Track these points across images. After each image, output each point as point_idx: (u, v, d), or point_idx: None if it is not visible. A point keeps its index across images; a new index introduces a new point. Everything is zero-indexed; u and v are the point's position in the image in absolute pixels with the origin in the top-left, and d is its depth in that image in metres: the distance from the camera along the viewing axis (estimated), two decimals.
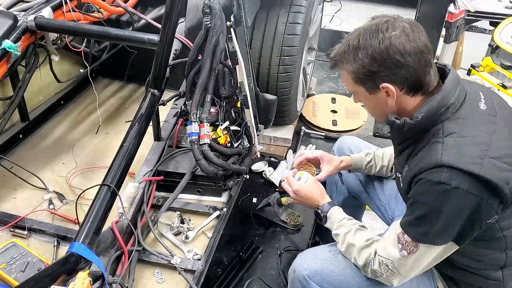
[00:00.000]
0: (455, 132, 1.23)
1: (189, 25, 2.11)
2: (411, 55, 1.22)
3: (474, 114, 1.27)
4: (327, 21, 4.60)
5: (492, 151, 1.20)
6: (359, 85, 1.32)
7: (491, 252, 1.35)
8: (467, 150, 1.20)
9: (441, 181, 1.18)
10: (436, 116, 1.25)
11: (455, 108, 1.26)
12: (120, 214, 1.69)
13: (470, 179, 1.17)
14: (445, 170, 1.18)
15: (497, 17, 2.67)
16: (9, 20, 1.94)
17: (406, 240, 1.30)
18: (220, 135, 1.89)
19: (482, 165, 1.17)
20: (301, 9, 2.38)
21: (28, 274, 1.56)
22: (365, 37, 1.25)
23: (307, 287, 1.50)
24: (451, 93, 1.26)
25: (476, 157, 1.18)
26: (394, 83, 1.26)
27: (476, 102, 1.30)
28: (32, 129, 2.41)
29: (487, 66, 2.44)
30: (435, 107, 1.25)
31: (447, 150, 1.20)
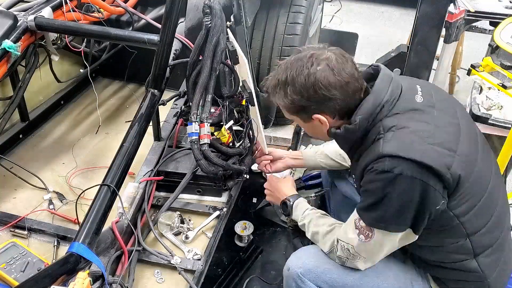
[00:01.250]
0: (394, 125, 1.30)
1: (189, 25, 2.11)
2: (337, 88, 1.29)
3: (411, 107, 1.34)
4: (327, 21, 4.60)
5: (432, 138, 1.26)
6: (294, 115, 1.42)
7: (455, 240, 1.38)
8: (406, 139, 1.26)
9: (385, 170, 1.25)
10: (374, 116, 1.32)
11: (391, 105, 1.32)
12: (120, 214, 1.69)
13: (412, 165, 1.23)
14: (387, 159, 1.25)
15: (497, 17, 2.66)
16: (9, 20, 1.94)
17: (362, 225, 1.37)
18: (224, 135, 1.89)
19: (423, 151, 1.23)
20: (301, 9, 2.38)
21: (28, 274, 1.56)
22: (292, 73, 1.32)
23: (301, 285, 1.51)
24: (383, 92, 1.32)
25: (415, 143, 1.25)
26: (324, 114, 1.35)
27: (413, 96, 1.36)
28: (32, 129, 2.41)
29: (487, 66, 2.44)
30: (370, 108, 1.31)
31: (387, 141, 1.27)
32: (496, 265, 1.44)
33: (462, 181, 1.28)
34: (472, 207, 1.34)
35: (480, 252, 1.40)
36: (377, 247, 1.38)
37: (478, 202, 1.35)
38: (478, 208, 1.35)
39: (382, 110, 1.32)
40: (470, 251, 1.39)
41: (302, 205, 1.64)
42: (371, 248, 1.38)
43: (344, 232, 1.43)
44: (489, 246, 1.41)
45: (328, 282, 1.48)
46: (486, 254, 1.40)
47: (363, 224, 1.37)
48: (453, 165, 1.25)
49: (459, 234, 1.36)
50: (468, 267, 1.41)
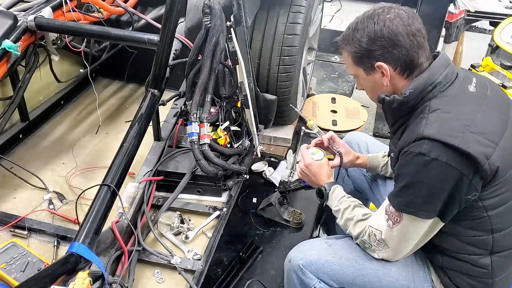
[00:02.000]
0: (440, 109, 1.30)
1: (189, 25, 2.11)
2: (403, 36, 1.31)
3: (462, 95, 1.34)
4: (327, 21, 4.60)
5: (475, 127, 1.25)
6: (358, 66, 1.41)
7: (478, 233, 1.37)
8: (448, 124, 1.26)
9: (421, 152, 1.25)
10: (424, 94, 1.33)
11: (443, 87, 1.33)
12: (120, 214, 1.69)
13: (450, 151, 1.22)
14: (426, 141, 1.24)
15: (497, 17, 2.67)
16: (9, 20, 1.94)
17: (391, 210, 1.37)
18: (220, 136, 1.89)
19: (463, 138, 1.22)
20: (301, 9, 2.38)
21: (28, 274, 1.56)
22: (363, 20, 1.36)
23: (302, 278, 1.51)
24: (439, 72, 1.33)
25: (457, 130, 1.24)
26: (388, 63, 1.34)
27: (466, 85, 1.37)
28: (32, 129, 2.41)
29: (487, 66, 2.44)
30: (422, 84, 1.32)
31: (429, 124, 1.27)
32: (506, 269, 1.43)
33: (499, 173, 1.26)
34: (503, 202, 1.33)
35: (498, 251, 1.39)
36: (403, 235, 1.37)
37: (510, 199, 1.34)
38: (509, 206, 1.34)
39: (433, 90, 1.33)
40: (489, 248, 1.38)
41: (339, 192, 1.63)
42: (397, 234, 1.38)
43: (375, 219, 1.44)
44: (508, 247, 1.40)
45: (329, 274, 1.50)
46: (502, 254, 1.40)
47: (393, 209, 1.37)
48: (493, 156, 1.24)
49: (484, 228, 1.35)
50: (480, 263, 1.40)
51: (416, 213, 1.32)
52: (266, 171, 2.48)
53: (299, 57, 2.47)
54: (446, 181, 1.25)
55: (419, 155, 1.26)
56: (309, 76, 3.13)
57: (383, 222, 1.40)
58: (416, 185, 1.29)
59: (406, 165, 1.30)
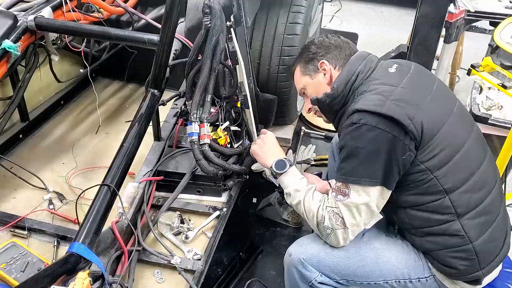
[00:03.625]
0: (365, 90, 1.49)
1: (189, 25, 2.11)
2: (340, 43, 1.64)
3: (383, 75, 1.52)
4: (327, 21, 4.60)
5: (395, 96, 1.41)
6: (304, 75, 1.67)
7: (433, 197, 1.43)
8: (372, 97, 1.43)
9: (352, 122, 1.40)
10: (350, 83, 1.53)
11: (365, 75, 1.53)
12: (120, 214, 1.69)
13: (377, 117, 1.36)
14: (356, 113, 1.41)
15: (497, 17, 2.66)
16: (9, 20, 1.94)
17: (338, 185, 1.45)
18: (220, 136, 1.89)
19: (384, 105, 1.37)
20: (301, 9, 2.38)
21: (28, 274, 1.56)
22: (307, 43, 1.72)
23: (303, 271, 1.52)
24: (357, 63, 1.56)
25: (379, 100, 1.40)
26: (329, 61, 1.61)
27: (387, 68, 1.55)
28: (32, 129, 2.41)
29: (487, 66, 2.44)
30: (345, 75, 1.55)
31: (357, 101, 1.46)
32: (483, 230, 1.45)
33: (427, 132, 1.37)
34: (444, 162, 1.40)
35: (463, 212, 1.43)
36: (355, 207, 1.42)
37: (451, 157, 1.41)
38: (453, 164, 1.41)
39: (357, 79, 1.53)
40: (452, 211, 1.42)
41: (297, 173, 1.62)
42: (349, 208, 1.42)
43: (330, 199, 1.48)
44: (472, 207, 1.44)
45: (330, 266, 1.51)
46: (470, 216, 1.43)
47: (339, 183, 1.45)
48: (415, 117, 1.36)
49: (436, 190, 1.42)
50: (452, 230, 1.44)
51: (359, 181, 1.40)
52: (266, 171, 2.48)
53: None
54: (379, 144, 1.36)
55: (351, 125, 1.40)
56: None
57: (333, 200, 1.45)
58: (353, 152, 1.40)
59: (343, 138, 1.44)
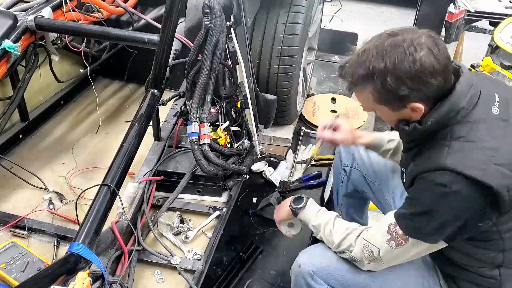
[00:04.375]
0: (463, 136, 1.22)
1: (189, 25, 2.11)
2: (439, 73, 1.20)
3: (486, 119, 1.25)
4: (327, 21, 4.59)
5: (499, 157, 1.19)
6: (383, 105, 1.28)
7: (488, 252, 1.36)
8: (472, 155, 1.19)
9: (443, 183, 1.19)
10: (446, 120, 1.24)
11: (466, 112, 1.24)
12: (120, 214, 1.69)
13: (472, 185, 1.16)
14: (448, 173, 1.18)
15: (497, 17, 2.67)
16: (9, 20, 1.94)
17: (397, 232, 1.32)
18: (220, 136, 1.89)
19: (486, 171, 1.16)
20: (301, 9, 2.38)
21: (28, 274, 1.56)
22: (392, 60, 1.19)
23: (311, 283, 1.50)
24: (462, 97, 1.23)
25: (481, 162, 1.17)
26: (422, 102, 1.23)
27: (489, 106, 1.27)
28: (32, 129, 2.41)
29: (487, 66, 2.44)
30: (445, 112, 1.23)
31: (451, 153, 1.20)
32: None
33: None
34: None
35: (506, 265, 1.38)
36: (403, 255, 1.35)
37: None
38: None
39: (456, 116, 1.23)
40: (498, 263, 1.37)
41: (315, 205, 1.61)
42: (396, 254, 1.34)
43: (373, 234, 1.39)
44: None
45: (340, 281, 1.48)
46: (510, 267, 1.39)
47: (400, 231, 1.31)
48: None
49: (495, 248, 1.34)
50: (488, 274, 1.40)
51: (425, 239, 1.29)
52: (266, 171, 2.49)
53: (299, 57, 2.47)
54: (462, 213, 1.21)
55: (439, 186, 1.19)
56: (309, 76, 3.13)
57: (382, 240, 1.35)
58: (431, 213, 1.24)
59: (423, 191, 1.25)
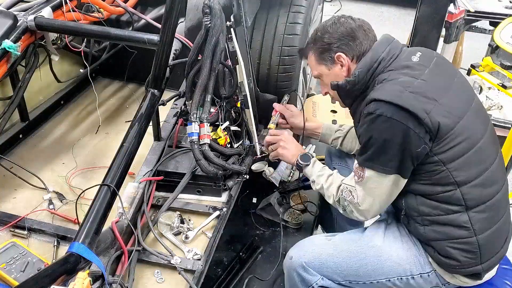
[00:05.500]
0: (385, 79, 1.47)
1: (189, 25, 2.11)
2: (358, 30, 1.55)
3: (406, 65, 1.49)
4: None
5: (413, 88, 1.40)
6: (320, 63, 1.63)
7: (444, 188, 1.44)
8: (390, 87, 1.43)
9: (369, 112, 1.42)
10: (371, 71, 1.51)
11: (387, 63, 1.51)
12: (120, 214, 1.69)
13: (393, 108, 1.37)
14: (373, 103, 1.42)
15: (497, 17, 2.67)
16: (9, 20, 1.94)
17: (356, 166, 1.53)
18: (220, 136, 1.89)
19: (401, 97, 1.38)
20: (301, 9, 2.38)
21: (28, 274, 1.56)
22: (321, 25, 1.63)
23: (304, 275, 1.52)
24: (380, 50, 1.52)
25: (397, 91, 1.40)
26: (346, 53, 1.56)
27: (410, 56, 1.52)
28: (32, 129, 2.41)
29: (487, 66, 2.44)
30: (368, 62, 1.51)
31: (376, 90, 1.46)
32: (489, 226, 1.46)
33: (442, 127, 1.38)
34: (460, 154, 1.42)
35: (473, 205, 1.44)
36: (369, 190, 1.49)
37: (466, 152, 1.42)
38: (467, 158, 1.42)
39: (379, 67, 1.51)
40: (462, 203, 1.43)
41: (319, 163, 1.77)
42: (364, 189, 1.50)
43: (349, 178, 1.59)
44: (482, 201, 1.45)
45: (332, 268, 1.51)
46: (478, 209, 1.44)
47: (357, 165, 1.52)
48: (432, 111, 1.37)
49: (448, 181, 1.43)
50: (458, 221, 1.45)
51: (373, 167, 1.46)
52: (266, 171, 2.48)
53: (299, 57, 2.47)
54: (394, 134, 1.38)
55: (368, 115, 1.42)
56: (309, 76, 3.13)
57: (351, 178, 1.56)
58: (370, 141, 1.43)
59: (360, 126, 1.48)
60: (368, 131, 1.43)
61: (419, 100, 1.37)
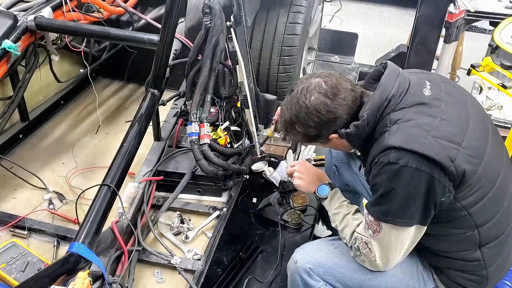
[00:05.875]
0: (400, 119, 1.33)
1: (189, 25, 2.11)
2: (337, 107, 1.37)
3: (419, 100, 1.36)
4: (327, 21, 4.60)
5: (436, 131, 1.28)
6: (313, 143, 1.52)
7: (463, 231, 1.38)
8: (410, 131, 1.29)
9: (390, 161, 1.28)
10: (381, 110, 1.35)
11: (398, 99, 1.35)
12: (120, 214, 1.69)
13: (417, 158, 1.25)
14: (392, 151, 1.28)
15: (497, 17, 2.66)
16: (9, 20, 1.94)
17: (370, 219, 1.38)
18: (220, 136, 1.89)
19: (426, 144, 1.26)
20: (301, 9, 2.38)
21: (28, 274, 1.56)
22: (293, 111, 1.41)
23: (307, 280, 1.51)
24: (390, 86, 1.36)
25: (419, 136, 1.27)
26: (337, 131, 1.40)
27: (421, 90, 1.38)
28: (32, 129, 2.41)
29: (487, 66, 2.44)
30: (377, 102, 1.35)
31: (392, 134, 1.31)
32: (497, 258, 1.45)
33: (467, 174, 1.28)
34: (480, 198, 1.34)
35: (486, 243, 1.40)
36: (386, 245, 1.37)
37: (487, 193, 1.34)
38: (487, 199, 1.35)
39: (389, 105, 1.35)
40: (477, 242, 1.39)
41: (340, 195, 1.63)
42: (380, 245, 1.38)
43: (362, 225, 1.45)
44: (495, 237, 1.41)
45: (336, 276, 1.50)
46: (490, 245, 1.41)
47: (371, 218, 1.37)
48: (457, 158, 1.26)
49: (467, 225, 1.36)
50: (471, 257, 1.42)
51: (394, 221, 1.33)
52: (266, 171, 2.48)
53: (299, 57, 2.47)
54: (418, 186, 1.27)
55: (388, 165, 1.28)
56: None
57: (366, 231, 1.41)
58: (390, 193, 1.30)
59: (378, 175, 1.33)
60: (390, 183, 1.29)
61: (443, 146, 1.26)
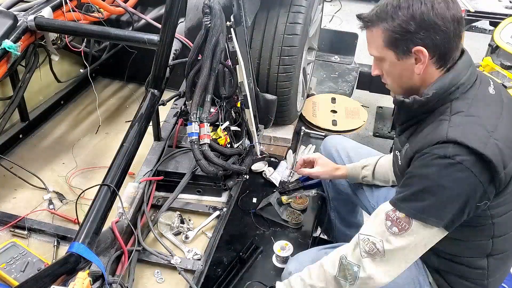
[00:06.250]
0: (463, 111, 1.23)
1: (189, 25, 2.11)
2: (450, 22, 1.21)
3: (484, 96, 1.28)
4: (327, 21, 4.60)
5: (498, 134, 1.21)
6: (389, 48, 1.27)
7: (479, 238, 1.35)
8: (474, 129, 1.20)
9: (447, 155, 1.17)
10: (446, 95, 1.25)
11: (465, 89, 1.26)
12: (120, 214, 1.69)
13: (474, 158, 1.17)
14: (451, 145, 1.18)
15: (497, 17, 2.67)
16: (9, 20, 1.94)
17: (398, 216, 1.26)
18: (220, 136, 1.89)
19: (487, 145, 1.17)
20: (301, 9, 2.38)
21: (28, 274, 1.56)
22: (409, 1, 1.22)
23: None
24: (463, 73, 1.26)
25: (482, 136, 1.19)
26: (427, 48, 1.22)
27: (486, 86, 1.31)
28: (32, 129, 2.41)
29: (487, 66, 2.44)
30: (446, 85, 1.25)
31: (453, 126, 1.20)
32: (500, 270, 1.44)
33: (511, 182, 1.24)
34: (508, 209, 1.31)
35: (494, 254, 1.38)
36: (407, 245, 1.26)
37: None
38: None
39: (455, 92, 1.26)
40: (487, 251, 1.37)
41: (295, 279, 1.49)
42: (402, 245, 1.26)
43: (370, 227, 1.32)
44: (504, 250, 1.40)
45: None
46: (498, 257, 1.40)
47: (401, 214, 1.25)
48: (509, 165, 1.21)
49: (486, 234, 1.34)
50: (476, 265, 1.40)
51: (427, 219, 1.23)
52: (266, 171, 2.48)
53: (299, 57, 2.47)
54: (465, 187, 1.19)
55: (442, 158, 1.18)
56: (309, 76, 3.13)
57: (384, 230, 1.28)
58: (435, 188, 1.21)
59: (424, 167, 1.22)
60: (437, 177, 1.19)
61: (501, 151, 1.19)
